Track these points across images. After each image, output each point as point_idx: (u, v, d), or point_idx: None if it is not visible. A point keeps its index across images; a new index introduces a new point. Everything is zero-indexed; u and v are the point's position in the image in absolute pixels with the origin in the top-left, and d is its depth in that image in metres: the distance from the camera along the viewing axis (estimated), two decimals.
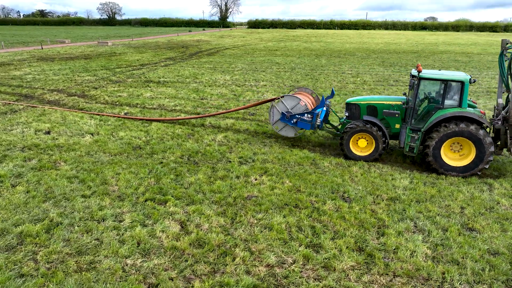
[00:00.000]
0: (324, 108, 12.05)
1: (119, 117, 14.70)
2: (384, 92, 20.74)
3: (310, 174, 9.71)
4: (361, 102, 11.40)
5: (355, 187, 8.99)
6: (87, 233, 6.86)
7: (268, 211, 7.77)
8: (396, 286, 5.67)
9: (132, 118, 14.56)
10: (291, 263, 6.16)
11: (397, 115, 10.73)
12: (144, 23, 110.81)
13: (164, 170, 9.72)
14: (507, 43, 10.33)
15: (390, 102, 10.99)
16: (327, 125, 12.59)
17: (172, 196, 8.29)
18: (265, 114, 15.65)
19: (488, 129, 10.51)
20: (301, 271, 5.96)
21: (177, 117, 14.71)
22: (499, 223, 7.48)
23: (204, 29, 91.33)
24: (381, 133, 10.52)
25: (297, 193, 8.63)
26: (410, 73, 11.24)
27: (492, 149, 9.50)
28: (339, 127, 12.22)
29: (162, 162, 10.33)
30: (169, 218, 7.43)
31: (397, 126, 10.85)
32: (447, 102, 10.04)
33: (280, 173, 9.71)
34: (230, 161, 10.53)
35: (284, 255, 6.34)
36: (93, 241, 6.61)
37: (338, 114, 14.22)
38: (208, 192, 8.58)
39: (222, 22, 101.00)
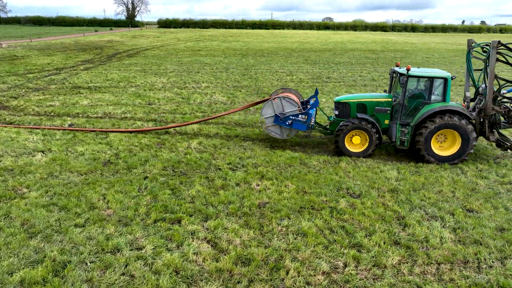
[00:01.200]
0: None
1: (99, 131, 12.93)
2: (325, 88, 21.80)
3: (306, 174, 9.75)
4: (351, 101, 11.76)
5: (354, 182, 9.29)
6: (108, 268, 5.91)
7: (290, 217, 7.59)
8: (445, 273, 6.01)
9: (113, 131, 12.92)
10: (343, 266, 6.12)
11: (388, 112, 11.30)
12: (38, 21, 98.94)
13: (155, 185, 8.85)
14: (473, 43, 11.65)
15: (379, 100, 11.51)
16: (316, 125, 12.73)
17: (183, 213, 7.59)
18: (226, 117, 15.25)
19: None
20: (357, 273, 5.95)
21: (171, 125, 13.42)
22: (488, 202, 8.42)
23: (111, 29, 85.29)
24: (375, 129, 10.97)
25: (306, 194, 8.60)
26: (391, 71, 11.93)
27: (474, 135, 10.55)
28: (330, 126, 12.36)
29: (147, 177, 9.38)
30: (193, 238, 6.79)
31: (387, 122, 11.43)
32: (433, 97, 10.88)
33: (277, 176, 9.56)
34: (220, 169, 10.02)
35: (333, 260, 6.26)
36: (121, 277, 5.72)
37: (325, 113, 14.42)
38: (218, 204, 8.05)
39: (130, 22, 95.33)
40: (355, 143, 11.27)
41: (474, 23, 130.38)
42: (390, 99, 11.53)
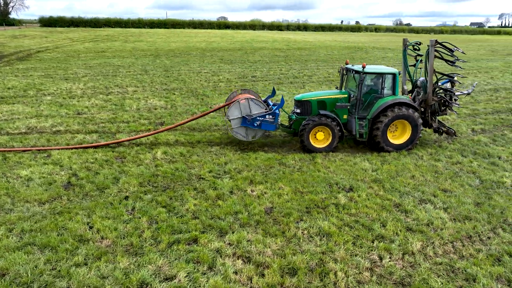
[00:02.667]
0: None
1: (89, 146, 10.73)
2: (258, 87, 22.10)
3: (291, 174, 9.80)
4: (312, 99, 12.03)
5: (340, 177, 9.66)
6: None
7: (303, 219, 7.56)
8: (462, 250, 6.68)
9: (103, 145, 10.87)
10: (379, 259, 6.35)
11: (348, 107, 11.85)
12: None
13: (144, 205, 7.95)
14: (407, 42, 12.93)
15: (337, 96, 11.99)
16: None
17: (195, 231, 6.98)
18: (174, 121, 14.40)
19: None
20: (395, 264, 6.24)
21: (141, 135, 11.90)
22: (454, 181, 9.58)
23: None
24: (337, 124, 11.43)
25: (303, 194, 8.65)
26: (341, 69, 12.53)
27: (421, 121, 11.72)
28: (293, 124, 12.41)
29: (128, 197, 8.37)
30: (222, 256, 6.30)
31: (345, 116, 11.99)
32: (384, 91, 11.75)
33: (266, 179, 9.42)
34: (203, 178, 9.45)
35: (368, 255, 6.45)
36: None
37: (286, 112, 14.37)
38: (225, 215, 7.60)
39: (4, 20, 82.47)
40: (319, 139, 11.68)
41: (351, 23, 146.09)
42: (347, 95, 12.22)
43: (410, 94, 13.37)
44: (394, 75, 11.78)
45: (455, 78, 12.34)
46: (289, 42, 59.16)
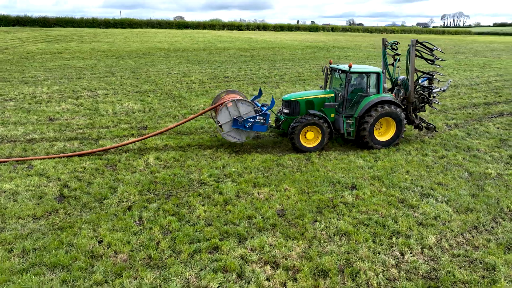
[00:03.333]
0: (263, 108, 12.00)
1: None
2: (235, 88, 21.92)
3: (291, 175, 9.79)
4: (300, 98, 12.02)
5: (340, 175, 9.80)
6: None
7: (317, 219, 7.57)
8: (473, 240, 7.00)
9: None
10: (401, 255, 6.49)
11: (336, 106, 11.98)
12: None
13: (151, 215, 7.59)
14: (386, 42, 13.34)
15: (324, 96, 12.09)
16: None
17: (213, 239, 6.76)
18: (159, 128, 13.92)
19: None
20: (417, 258, 6.41)
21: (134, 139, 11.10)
22: (445, 174, 10.04)
23: None
24: (326, 123, 11.56)
25: (310, 195, 8.68)
26: (325, 69, 12.70)
27: (403, 116, 12.11)
28: (282, 124, 12.35)
29: (131, 207, 7.95)
30: (248, 263, 6.15)
31: (333, 115, 12.12)
32: (369, 90, 12.04)
33: (268, 181, 9.34)
34: (205, 183, 9.19)
35: (390, 251, 6.57)
36: None
37: (274, 112, 14.20)
38: (239, 221, 7.44)
39: None
40: (309, 138, 11.76)
41: (306, 23, 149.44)
42: (333, 94, 12.39)
43: (390, 92, 13.83)
44: (378, 74, 12.11)
45: (435, 76, 12.92)
46: (252, 42, 59.27)
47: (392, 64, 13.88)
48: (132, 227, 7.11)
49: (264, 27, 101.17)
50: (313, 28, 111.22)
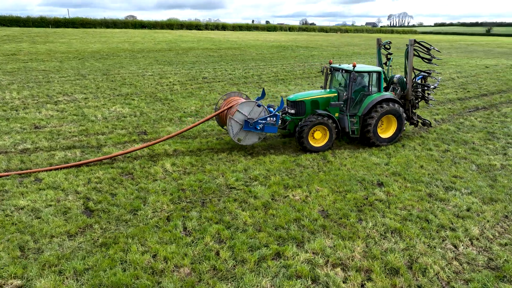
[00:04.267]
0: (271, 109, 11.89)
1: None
2: (219, 89, 21.60)
3: (316, 175, 9.84)
4: (306, 99, 12.03)
5: (362, 173, 9.99)
6: None
7: (362, 219, 7.67)
8: (510, 228, 7.43)
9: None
10: (455, 248, 6.74)
11: (341, 105, 12.14)
12: None
13: (195, 224, 7.29)
14: (381, 42, 13.76)
15: (328, 95, 12.23)
16: None
17: (272, 244, 6.62)
18: (160, 132, 13.39)
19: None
20: (471, 250, 6.69)
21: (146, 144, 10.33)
22: (457, 167, 10.56)
23: None
24: (334, 123, 11.68)
25: (343, 194, 8.77)
26: (324, 69, 12.83)
27: (404, 115, 12.54)
28: (288, 125, 12.27)
29: (169, 217, 7.58)
30: (318, 267, 6.09)
31: (337, 115, 12.22)
32: (371, 89, 12.31)
33: (299, 182, 9.31)
34: (234, 188, 8.97)
35: (444, 245, 6.80)
36: None
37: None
38: (288, 224, 7.35)
39: None
40: (317, 138, 11.84)
41: (261, 22, 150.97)
42: (336, 94, 12.57)
43: (385, 90, 14.31)
44: (379, 73, 12.47)
45: (432, 74, 13.56)
46: (215, 42, 58.73)
47: (386, 63, 14.36)
48: (182, 238, 6.78)
49: (223, 27, 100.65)
50: (271, 27, 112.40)
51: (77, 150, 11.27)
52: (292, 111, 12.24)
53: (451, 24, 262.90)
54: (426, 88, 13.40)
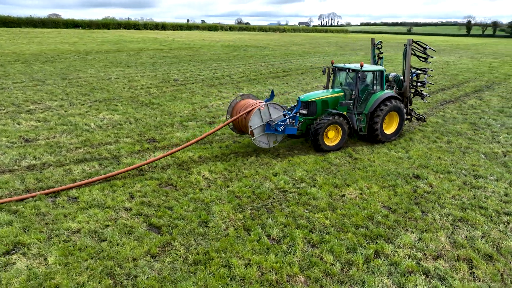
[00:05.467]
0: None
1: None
2: (199, 91, 21.03)
3: (353, 172, 10.10)
4: (317, 99, 12.18)
5: (393, 167, 10.45)
6: None
7: (425, 211, 8.06)
8: None
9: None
10: None
11: (350, 104, 12.42)
12: None
13: (277, 231, 7.14)
14: (375, 42, 14.40)
15: (336, 95, 12.37)
16: None
17: (366, 243, 6.71)
18: (170, 139, 12.74)
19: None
20: None
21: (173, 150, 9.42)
22: (469, 157, 11.50)
23: None
24: (346, 122, 11.95)
25: (391, 189, 9.12)
26: (326, 69, 13.02)
27: (405, 111, 13.26)
28: (300, 125, 12.30)
29: (245, 225, 7.31)
30: (422, 260, 6.31)
31: (345, 113, 12.52)
32: (376, 87, 12.81)
33: (346, 181, 9.48)
34: (287, 191, 8.89)
35: (509, 227, 7.41)
36: None
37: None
38: (363, 222, 7.50)
39: None
40: (330, 137, 12.04)
41: (197, 21, 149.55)
42: (343, 93, 12.91)
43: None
44: (382, 72, 13.09)
45: (427, 72, 14.54)
46: (162, 42, 56.83)
47: (378, 62, 15.11)
48: (275, 247, 6.60)
49: (163, 26, 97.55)
50: (211, 27, 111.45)
51: (94, 163, 10.31)
52: (304, 112, 12.34)
53: (375, 24, 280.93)
54: (421, 85, 14.35)
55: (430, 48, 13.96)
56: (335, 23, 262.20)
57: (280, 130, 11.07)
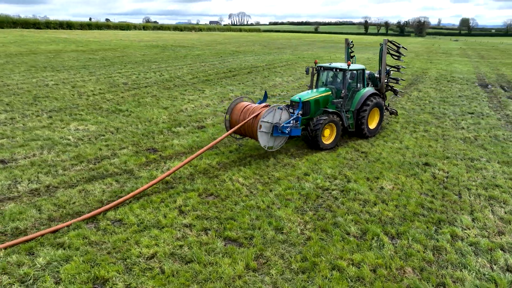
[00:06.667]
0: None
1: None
2: (160, 95, 19.95)
3: (373, 164, 10.68)
4: (310, 99, 12.32)
5: (401, 158, 11.29)
6: None
7: (457, 194, 8.94)
8: None
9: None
10: None
11: (341, 103, 12.90)
12: None
13: (356, 230, 7.29)
14: (349, 42, 15.24)
15: (326, 94, 12.61)
16: None
17: (443, 229, 7.24)
18: (172, 148, 11.96)
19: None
20: None
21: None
22: (458, 143, 12.94)
23: None
24: (340, 120, 12.42)
25: (415, 177, 9.89)
26: (309, 68, 13.32)
27: (384, 107, 14.31)
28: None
29: (322, 228, 7.33)
30: (493, 237, 7.04)
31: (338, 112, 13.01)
32: (359, 85, 13.53)
33: (372, 174, 9.98)
34: (328, 189, 9.06)
35: None
36: None
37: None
38: (419, 209, 8.04)
39: None
40: (326, 135, 12.32)
41: (101, 20, 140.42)
42: (330, 92, 13.37)
43: None
44: (364, 70, 13.98)
45: (400, 69, 15.87)
46: (77, 43, 52.11)
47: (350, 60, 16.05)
48: (362, 243, 6.75)
49: (69, 25, 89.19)
50: (124, 26, 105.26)
51: (108, 180, 9.23)
52: (301, 112, 12.57)
53: (282, 23, 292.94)
54: (395, 81, 15.65)
55: (402, 47, 15.26)
56: (245, 22, 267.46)
57: (286, 132, 11.05)
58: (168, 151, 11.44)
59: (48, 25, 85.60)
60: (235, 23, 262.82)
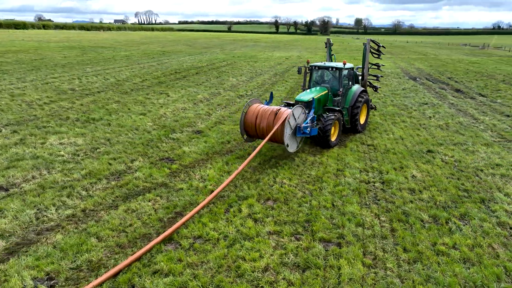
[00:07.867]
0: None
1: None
2: (137, 98, 18.46)
3: (387, 155, 11.42)
4: (314, 97, 12.67)
5: (404, 147, 12.23)
6: None
7: (475, 175, 10.07)
8: None
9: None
10: None
11: (340, 101, 13.42)
12: None
13: (425, 217, 7.81)
14: (330, 41, 15.92)
15: (324, 93, 12.79)
16: None
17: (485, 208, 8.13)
18: (184, 157, 11.24)
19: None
20: None
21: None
22: (438, 131, 14.41)
23: None
24: (342, 118, 12.82)
25: (431, 164, 10.85)
26: (302, 68, 13.67)
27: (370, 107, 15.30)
28: None
29: (395, 218, 7.69)
30: None
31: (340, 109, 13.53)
32: (351, 83, 14.20)
33: (392, 165, 10.66)
34: (369, 182, 9.48)
35: None
36: None
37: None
38: (456, 193, 8.90)
39: None
40: (331, 133, 12.57)
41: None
42: (327, 91, 13.82)
43: None
44: (353, 68, 14.73)
45: (380, 67, 16.95)
46: (19, 45, 45.12)
47: (332, 59, 16.74)
48: (452, 228, 7.28)
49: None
50: (19, 25, 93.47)
51: (150, 195, 8.39)
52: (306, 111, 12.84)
53: (192, 22, 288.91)
54: (375, 78, 16.74)
55: (382, 46, 16.38)
56: (154, 21, 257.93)
57: (307, 132, 11.13)
58: (186, 159, 10.75)
59: None
60: (143, 22, 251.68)
